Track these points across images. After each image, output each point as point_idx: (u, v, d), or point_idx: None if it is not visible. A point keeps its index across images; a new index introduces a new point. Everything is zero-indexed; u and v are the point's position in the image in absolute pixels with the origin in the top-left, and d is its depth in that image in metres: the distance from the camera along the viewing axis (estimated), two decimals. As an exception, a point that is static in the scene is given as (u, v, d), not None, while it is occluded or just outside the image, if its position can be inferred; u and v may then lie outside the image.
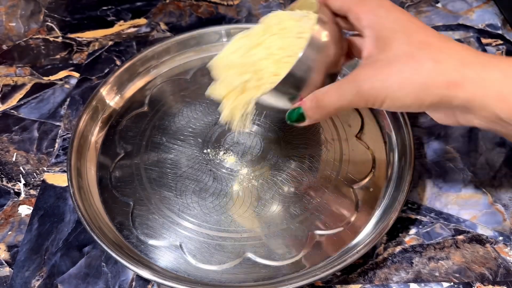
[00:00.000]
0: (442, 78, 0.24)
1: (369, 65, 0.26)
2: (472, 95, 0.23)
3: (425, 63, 0.24)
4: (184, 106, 0.46)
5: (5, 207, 0.41)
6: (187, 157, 0.41)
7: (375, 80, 0.25)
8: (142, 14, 0.60)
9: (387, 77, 0.25)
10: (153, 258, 0.35)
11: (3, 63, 0.54)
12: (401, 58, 0.25)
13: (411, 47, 0.25)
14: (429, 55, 0.24)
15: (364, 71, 0.26)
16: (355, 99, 0.26)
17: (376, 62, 0.26)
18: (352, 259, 0.33)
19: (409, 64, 0.24)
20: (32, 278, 0.36)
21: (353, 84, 0.26)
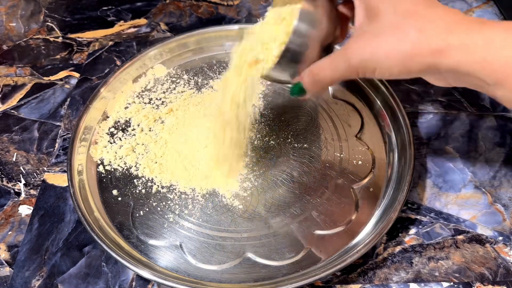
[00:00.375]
0: (427, 47, 0.24)
1: (359, 36, 0.27)
2: (457, 61, 0.24)
3: (409, 32, 0.25)
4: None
5: (5, 207, 0.41)
6: (187, 157, 0.42)
7: (363, 52, 0.26)
8: (142, 14, 0.60)
9: (375, 49, 0.26)
10: (153, 258, 0.35)
11: (4, 63, 0.54)
12: (387, 28, 0.26)
13: (397, 16, 0.25)
14: (414, 23, 0.25)
15: (353, 43, 0.27)
16: (347, 71, 0.27)
17: (365, 33, 0.27)
18: (352, 259, 0.33)
19: (395, 35, 0.25)
20: (32, 278, 0.36)
21: (344, 57, 0.27)
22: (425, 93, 0.48)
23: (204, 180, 0.39)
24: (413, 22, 0.25)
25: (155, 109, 0.46)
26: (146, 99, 0.47)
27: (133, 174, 0.41)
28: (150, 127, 0.44)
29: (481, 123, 0.45)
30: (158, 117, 0.45)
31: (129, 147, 0.42)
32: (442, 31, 0.24)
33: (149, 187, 0.40)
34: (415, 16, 0.25)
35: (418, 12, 0.25)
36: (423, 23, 0.25)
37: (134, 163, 0.41)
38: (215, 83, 0.48)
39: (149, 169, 0.41)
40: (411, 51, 0.25)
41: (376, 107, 0.45)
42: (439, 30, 0.24)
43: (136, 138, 0.43)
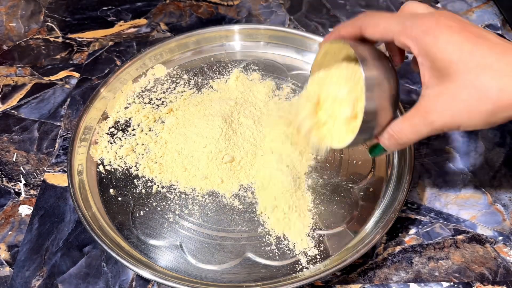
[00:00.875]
0: (508, 102, 0.24)
1: (435, 97, 0.27)
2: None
3: (488, 91, 0.24)
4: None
5: (6, 207, 0.41)
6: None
7: (445, 116, 0.26)
8: (142, 15, 0.60)
9: (456, 112, 0.26)
10: (153, 258, 0.35)
11: (4, 63, 0.54)
12: (464, 89, 0.25)
13: (471, 74, 0.25)
14: (491, 82, 0.24)
15: (432, 105, 0.27)
16: (430, 132, 0.28)
17: (441, 95, 0.26)
18: (352, 259, 0.33)
19: (474, 95, 0.25)
20: (32, 278, 0.36)
21: (425, 121, 0.27)
22: (425, 93, 0.48)
23: (204, 180, 0.39)
24: (490, 80, 0.24)
25: (155, 109, 0.46)
26: (146, 99, 0.47)
27: (133, 174, 0.41)
28: (150, 127, 0.44)
29: (481, 123, 0.45)
30: (158, 117, 0.45)
31: (129, 147, 0.42)
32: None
33: (149, 187, 0.40)
34: (490, 72, 0.24)
35: (492, 67, 0.24)
36: (500, 79, 0.24)
37: (134, 163, 0.41)
38: (215, 83, 0.48)
39: (149, 169, 0.41)
40: (494, 109, 0.24)
41: (376, 107, 0.45)
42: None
43: (136, 138, 0.43)
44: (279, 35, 0.51)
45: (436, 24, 0.26)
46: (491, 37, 0.25)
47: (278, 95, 0.47)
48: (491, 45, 0.25)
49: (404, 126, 0.29)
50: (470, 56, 0.25)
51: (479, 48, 0.25)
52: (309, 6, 0.60)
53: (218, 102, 0.44)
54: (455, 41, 0.25)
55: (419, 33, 0.26)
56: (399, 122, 0.29)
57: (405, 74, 0.50)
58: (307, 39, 0.50)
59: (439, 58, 0.26)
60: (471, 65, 0.25)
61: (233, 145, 0.40)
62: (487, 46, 0.25)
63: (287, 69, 0.49)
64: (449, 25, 0.26)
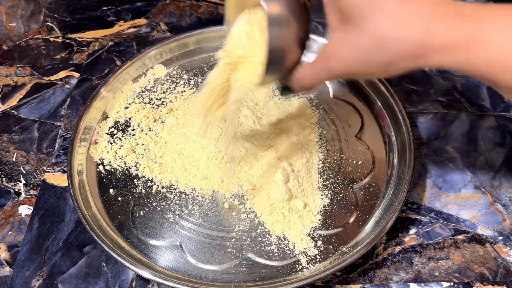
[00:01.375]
0: (405, 53, 0.23)
1: (336, 43, 0.26)
2: (443, 63, 0.23)
3: (386, 40, 0.23)
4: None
5: (5, 207, 0.41)
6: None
7: (344, 63, 0.26)
8: (142, 15, 0.60)
9: (354, 60, 0.26)
10: (153, 258, 0.35)
11: (4, 63, 0.54)
12: (363, 36, 0.24)
13: (371, 21, 0.24)
14: (390, 29, 0.23)
15: (332, 49, 0.27)
16: (330, 78, 0.29)
17: (341, 41, 0.26)
18: (352, 259, 0.33)
19: (372, 43, 0.24)
20: (32, 278, 0.36)
21: (325, 67, 0.28)
22: (425, 93, 0.48)
23: (204, 180, 0.39)
24: (388, 29, 0.23)
25: (155, 109, 0.46)
26: (146, 99, 0.47)
27: (133, 174, 0.41)
28: (150, 127, 0.44)
29: (481, 123, 0.45)
30: (158, 117, 0.45)
31: (129, 147, 0.42)
32: (422, 32, 0.23)
33: (149, 187, 0.40)
34: (390, 20, 0.23)
35: (392, 13, 0.23)
36: (398, 28, 0.23)
37: (134, 163, 0.41)
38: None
39: (149, 169, 0.41)
40: (391, 59, 0.24)
41: (376, 107, 0.45)
42: (419, 27, 0.23)
43: (136, 138, 0.43)
44: (279, 35, 0.51)
45: None
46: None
47: (278, 95, 0.47)
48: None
49: (308, 71, 0.29)
50: (374, 0, 0.24)
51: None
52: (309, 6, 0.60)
53: (218, 102, 0.44)
54: None
55: None
56: (304, 66, 0.29)
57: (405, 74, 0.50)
58: (307, 39, 0.49)
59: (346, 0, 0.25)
60: (373, 10, 0.24)
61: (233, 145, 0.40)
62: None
63: (287, 69, 0.49)
64: None
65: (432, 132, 0.45)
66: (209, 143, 0.40)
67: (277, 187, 0.37)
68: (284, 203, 0.37)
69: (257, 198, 0.38)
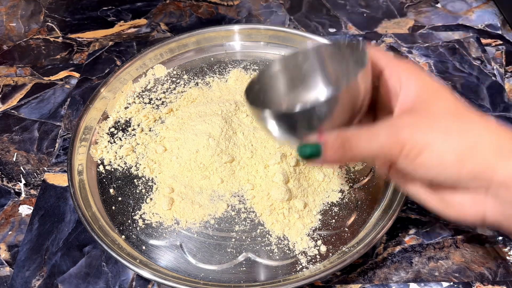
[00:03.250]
0: (490, 145, 0.22)
1: (409, 114, 0.24)
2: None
3: (475, 123, 0.23)
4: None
5: (6, 207, 0.41)
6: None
7: (418, 126, 0.23)
8: (142, 15, 0.60)
9: (432, 127, 0.22)
10: (153, 258, 0.35)
11: (4, 63, 0.54)
12: (448, 113, 0.23)
13: (459, 107, 0.23)
14: (480, 118, 0.23)
15: (403, 117, 0.24)
16: (390, 144, 0.23)
17: (417, 112, 0.23)
18: (352, 259, 0.33)
19: (458, 121, 0.23)
20: (32, 278, 0.36)
21: (389, 127, 0.23)
22: (425, 93, 0.48)
23: (204, 180, 0.39)
24: (477, 117, 0.23)
25: (155, 109, 0.46)
26: (146, 99, 0.47)
27: (133, 174, 0.41)
28: (150, 127, 0.44)
29: (481, 123, 0.45)
30: (158, 117, 0.45)
31: (129, 147, 0.42)
32: (508, 134, 0.22)
33: (149, 187, 0.40)
34: (478, 114, 0.23)
35: (478, 113, 0.23)
36: (487, 121, 0.23)
37: (134, 163, 0.42)
38: (215, 83, 0.48)
39: (149, 169, 0.41)
40: (474, 143, 0.22)
41: (376, 107, 0.45)
42: (505, 133, 0.22)
43: (136, 138, 0.43)
44: (279, 35, 0.51)
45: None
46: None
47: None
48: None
49: (360, 129, 0.24)
50: (458, 100, 0.24)
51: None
52: (309, 6, 0.60)
53: (218, 102, 0.44)
54: (445, 88, 0.25)
55: (415, 68, 0.25)
56: (357, 127, 0.25)
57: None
58: (307, 39, 0.49)
59: (429, 88, 0.24)
60: (459, 103, 0.24)
61: (233, 145, 0.40)
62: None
63: (287, 69, 0.49)
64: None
65: (432, 132, 0.45)
66: (209, 143, 0.40)
67: (277, 187, 0.37)
68: (284, 203, 0.37)
69: (257, 198, 0.38)
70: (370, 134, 0.24)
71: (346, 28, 0.56)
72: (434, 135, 0.22)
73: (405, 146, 0.23)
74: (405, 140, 0.22)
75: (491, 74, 0.50)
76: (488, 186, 0.22)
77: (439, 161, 0.22)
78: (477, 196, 0.23)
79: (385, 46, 0.53)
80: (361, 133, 0.24)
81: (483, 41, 0.54)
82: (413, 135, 0.22)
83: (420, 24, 0.57)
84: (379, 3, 0.60)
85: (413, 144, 0.22)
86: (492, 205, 0.23)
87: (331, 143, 0.24)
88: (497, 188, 0.22)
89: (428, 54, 0.52)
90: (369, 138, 0.24)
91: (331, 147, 0.24)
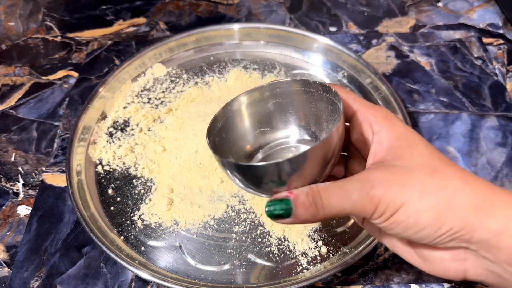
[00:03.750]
0: (468, 202, 0.20)
1: (383, 168, 0.22)
2: (503, 227, 0.20)
3: (452, 179, 0.21)
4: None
5: (4, 207, 0.40)
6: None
7: (391, 183, 0.21)
8: (141, 14, 0.60)
9: (407, 184, 0.21)
10: (152, 259, 0.35)
11: (2, 63, 0.54)
12: (423, 168, 0.22)
13: (435, 160, 0.22)
14: (457, 172, 0.21)
15: (376, 172, 0.22)
16: (362, 201, 0.22)
17: (391, 167, 0.22)
18: (353, 260, 0.32)
19: (434, 177, 0.21)
20: (31, 279, 0.35)
21: (362, 183, 0.22)
22: (427, 93, 0.48)
23: (204, 180, 0.39)
24: (455, 171, 0.21)
25: (154, 108, 0.46)
26: (145, 99, 0.47)
27: (132, 174, 0.40)
28: (149, 127, 0.44)
29: (483, 123, 0.45)
30: (157, 117, 0.45)
31: (128, 147, 0.42)
32: (486, 188, 0.21)
33: (148, 187, 0.40)
34: (456, 167, 0.22)
35: (456, 166, 0.22)
36: (466, 175, 0.21)
37: (133, 163, 0.41)
38: (214, 83, 0.48)
39: (148, 169, 0.40)
40: (452, 200, 0.21)
41: (377, 107, 0.44)
42: (483, 187, 0.21)
43: (135, 138, 0.43)
44: (279, 34, 0.50)
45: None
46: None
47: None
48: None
49: (332, 185, 0.23)
50: (435, 151, 0.23)
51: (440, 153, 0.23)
52: (310, 5, 0.60)
53: (217, 102, 0.44)
54: (420, 138, 0.24)
55: (388, 114, 0.24)
56: (328, 183, 0.23)
57: (406, 73, 0.50)
58: (307, 38, 0.49)
59: (404, 137, 0.23)
60: (436, 154, 0.22)
61: (233, 145, 0.40)
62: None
63: (287, 68, 0.49)
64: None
65: (433, 132, 0.44)
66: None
67: None
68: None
69: (257, 199, 0.38)
70: (343, 191, 0.22)
71: (347, 27, 0.56)
72: (409, 193, 0.21)
73: (379, 205, 0.21)
74: (378, 198, 0.21)
75: (493, 74, 0.50)
76: (468, 244, 0.21)
77: (415, 221, 0.21)
78: (457, 253, 0.22)
79: (386, 45, 0.53)
80: (333, 190, 0.23)
81: (485, 41, 0.53)
82: (387, 193, 0.21)
83: (422, 23, 0.56)
84: (380, 2, 0.60)
85: (387, 202, 0.21)
86: (473, 262, 0.22)
87: (301, 200, 0.22)
88: (478, 247, 0.21)
89: (429, 53, 0.52)
90: (341, 195, 0.22)
91: (301, 204, 0.22)
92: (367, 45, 0.53)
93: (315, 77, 0.48)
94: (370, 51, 0.53)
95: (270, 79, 0.48)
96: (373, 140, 0.24)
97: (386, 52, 0.53)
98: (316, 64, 0.49)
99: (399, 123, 0.24)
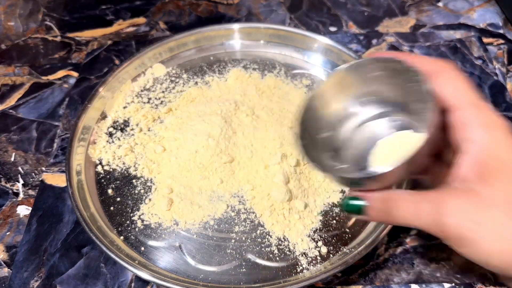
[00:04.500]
0: None
1: (462, 193, 0.21)
2: None
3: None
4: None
5: (4, 207, 0.40)
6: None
7: (465, 218, 0.20)
8: (141, 13, 0.60)
9: (481, 223, 0.20)
10: (152, 259, 0.35)
11: (2, 63, 0.54)
12: (505, 203, 0.20)
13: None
14: None
15: (454, 199, 0.21)
16: (432, 226, 0.21)
17: (470, 193, 0.21)
18: (353, 260, 0.32)
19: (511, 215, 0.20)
20: (31, 279, 0.35)
21: (435, 209, 0.21)
22: (426, 93, 0.48)
23: (204, 180, 0.39)
24: None
25: (154, 108, 0.46)
26: (145, 99, 0.47)
27: (132, 174, 0.40)
28: (149, 127, 0.44)
29: (483, 123, 0.45)
30: (157, 117, 0.45)
31: (127, 147, 0.42)
32: None
33: (148, 187, 0.39)
34: None
35: None
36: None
37: (133, 163, 0.41)
38: (214, 83, 0.48)
39: (148, 169, 0.40)
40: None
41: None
42: None
43: (135, 138, 0.43)
44: (280, 34, 0.50)
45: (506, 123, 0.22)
46: None
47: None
48: None
49: (408, 199, 0.22)
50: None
51: None
52: (310, 5, 0.60)
53: (217, 102, 0.44)
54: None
55: (489, 121, 0.22)
56: (404, 192, 0.23)
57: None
58: (307, 38, 0.49)
59: (496, 155, 0.21)
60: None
61: (233, 145, 0.40)
62: None
63: (287, 68, 0.49)
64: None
65: (433, 132, 0.44)
66: (208, 143, 0.40)
67: (277, 188, 0.37)
68: (285, 203, 0.37)
69: (257, 199, 0.38)
70: (416, 209, 0.22)
71: (347, 27, 0.56)
72: (481, 235, 0.20)
73: (448, 235, 0.21)
74: (448, 229, 0.21)
75: (493, 74, 0.49)
76: None
77: (484, 259, 0.21)
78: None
79: (386, 45, 0.53)
80: (407, 204, 0.22)
81: (485, 40, 0.53)
82: (458, 227, 0.20)
83: (422, 23, 0.56)
84: (380, 1, 0.60)
85: (457, 235, 0.21)
86: None
87: (377, 206, 0.23)
88: None
89: (429, 53, 0.52)
90: (413, 212, 0.22)
91: (375, 208, 0.23)
92: (367, 45, 0.53)
93: (315, 77, 0.48)
94: (370, 51, 0.52)
95: (270, 79, 0.48)
96: (461, 149, 0.22)
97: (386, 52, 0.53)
98: (316, 64, 0.49)
99: (499, 134, 0.21)
